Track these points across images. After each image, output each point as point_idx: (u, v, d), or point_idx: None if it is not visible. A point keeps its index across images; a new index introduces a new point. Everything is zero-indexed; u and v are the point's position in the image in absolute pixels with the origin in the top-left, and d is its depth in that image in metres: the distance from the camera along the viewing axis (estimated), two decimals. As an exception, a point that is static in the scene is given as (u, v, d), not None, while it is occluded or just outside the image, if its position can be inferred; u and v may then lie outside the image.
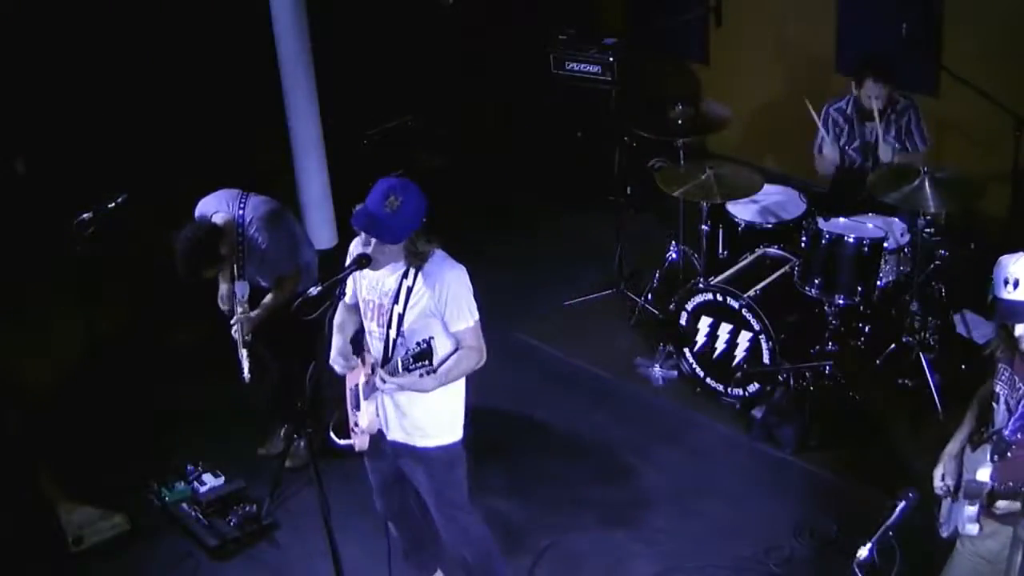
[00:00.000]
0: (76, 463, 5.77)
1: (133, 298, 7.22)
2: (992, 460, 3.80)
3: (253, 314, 5.33)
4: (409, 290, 4.06)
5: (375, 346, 4.23)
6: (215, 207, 5.32)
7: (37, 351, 6.74)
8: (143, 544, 5.44)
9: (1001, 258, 3.76)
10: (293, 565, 5.28)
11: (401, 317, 4.08)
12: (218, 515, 5.45)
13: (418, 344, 3.91)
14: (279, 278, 5.38)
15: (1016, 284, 3.68)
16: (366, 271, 4.17)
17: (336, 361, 4.33)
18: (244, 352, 5.37)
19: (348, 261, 4.13)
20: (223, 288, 5.45)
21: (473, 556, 4.61)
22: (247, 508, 5.48)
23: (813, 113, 6.39)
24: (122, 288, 7.18)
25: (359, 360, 4.30)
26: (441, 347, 4.10)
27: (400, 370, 3.96)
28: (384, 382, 4.03)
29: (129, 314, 7.08)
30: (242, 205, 5.33)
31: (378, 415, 4.27)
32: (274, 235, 5.31)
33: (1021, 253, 3.73)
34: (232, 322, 5.33)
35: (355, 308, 4.35)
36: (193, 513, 5.47)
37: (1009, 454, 3.76)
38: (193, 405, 6.33)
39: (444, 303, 4.05)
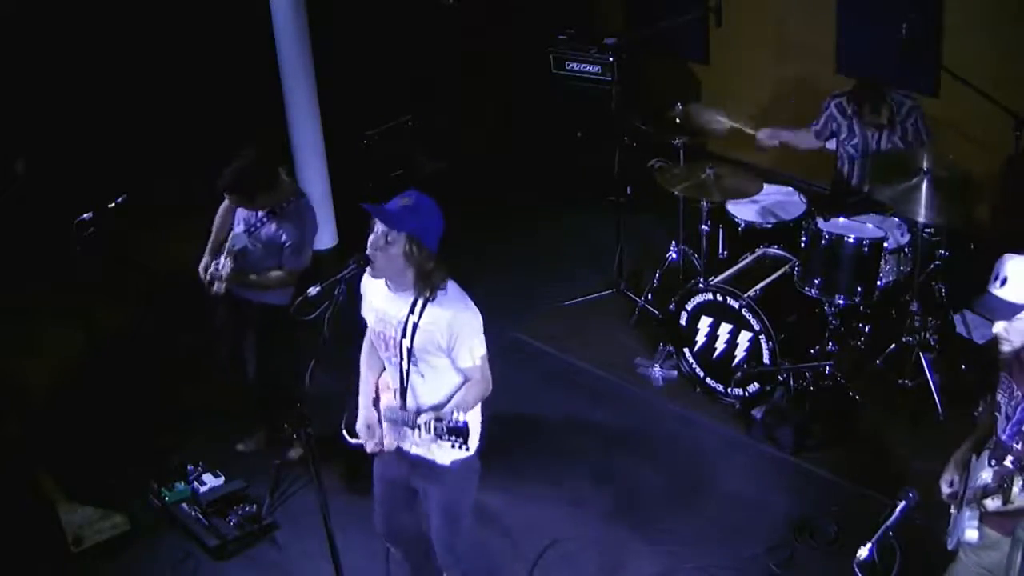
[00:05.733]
0: (76, 463, 5.77)
1: (133, 298, 7.22)
2: (990, 465, 3.80)
3: (253, 277, 5.47)
4: (415, 325, 4.06)
5: (391, 371, 4.25)
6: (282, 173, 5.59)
7: (36, 351, 6.75)
8: (143, 544, 5.44)
9: (1005, 254, 3.81)
10: (293, 565, 5.28)
11: (410, 351, 4.10)
12: (218, 515, 5.45)
13: (454, 420, 3.92)
14: (283, 267, 5.49)
15: (1004, 282, 3.75)
16: (372, 303, 4.19)
17: (361, 431, 4.34)
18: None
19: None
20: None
21: (468, 573, 4.60)
22: (247, 508, 5.48)
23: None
24: (122, 288, 7.18)
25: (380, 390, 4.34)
26: (452, 380, 4.13)
27: (432, 434, 3.98)
28: (420, 439, 4.06)
29: (129, 314, 7.08)
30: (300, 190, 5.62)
31: (395, 440, 4.27)
32: (304, 225, 5.47)
33: (1020, 255, 3.76)
34: (218, 264, 5.49)
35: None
36: (193, 513, 5.47)
37: (1008, 460, 3.76)
38: (193, 405, 6.34)
39: (452, 344, 4.05)
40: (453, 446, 3.97)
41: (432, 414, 4.01)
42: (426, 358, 4.10)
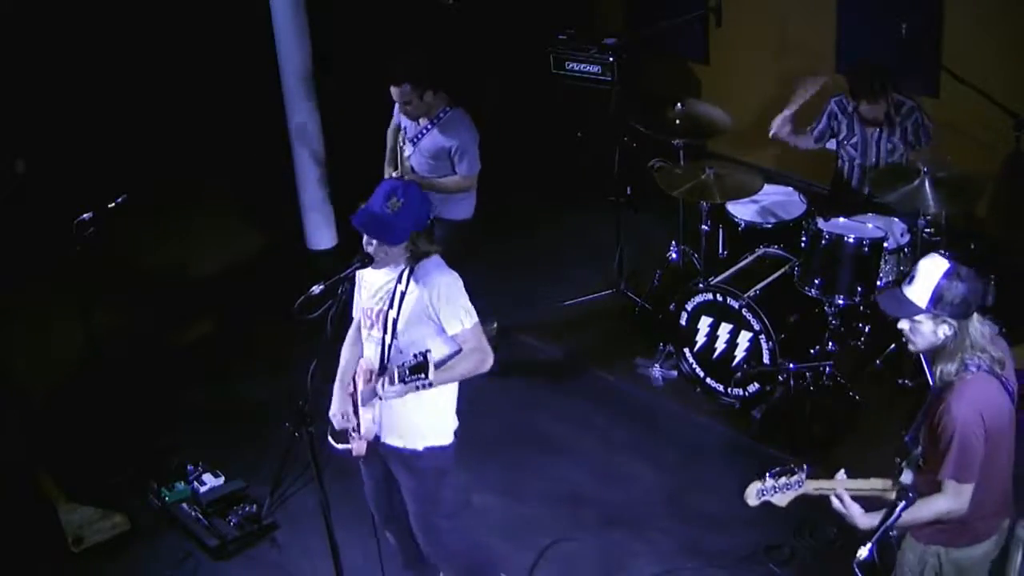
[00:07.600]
0: (76, 463, 5.77)
1: (133, 298, 7.22)
2: (901, 466, 3.82)
3: (435, 179, 5.98)
4: (403, 294, 4.06)
5: (371, 352, 4.22)
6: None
7: (37, 351, 6.74)
8: (143, 544, 5.44)
9: (930, 253, 3.71)
10: (293, 565, 5.28)
11: (395, 322, 4.08)
12: (218, 515, 5.45)
13: (415, 356, 3.90)
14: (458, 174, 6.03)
15: (912, 280, 3.64)
16: (364, 277, 4.18)
17: (336, 417, 4.34)
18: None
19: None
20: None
21: (453, 571, 4.59)
22: (247, 508, 5.48)
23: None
24: (122, 288, 7.18)
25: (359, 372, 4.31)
26: (439, 352, 4.10)
27: (396, 381, 3.97)
28: (384, 389, 4.02)
29: (129, 314, 7.08)
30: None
31: (374, 422, 4.26)
32: (464, 129, 6.05)
33: (942, 258, 3.63)
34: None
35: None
36: (193, 513, 5.47)
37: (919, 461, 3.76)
38: (193, 405, 6.34)
39: (437, 308, 4.04)
40: (417, 387, 3.91)
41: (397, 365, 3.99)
42: (410, 332, 4.07)
